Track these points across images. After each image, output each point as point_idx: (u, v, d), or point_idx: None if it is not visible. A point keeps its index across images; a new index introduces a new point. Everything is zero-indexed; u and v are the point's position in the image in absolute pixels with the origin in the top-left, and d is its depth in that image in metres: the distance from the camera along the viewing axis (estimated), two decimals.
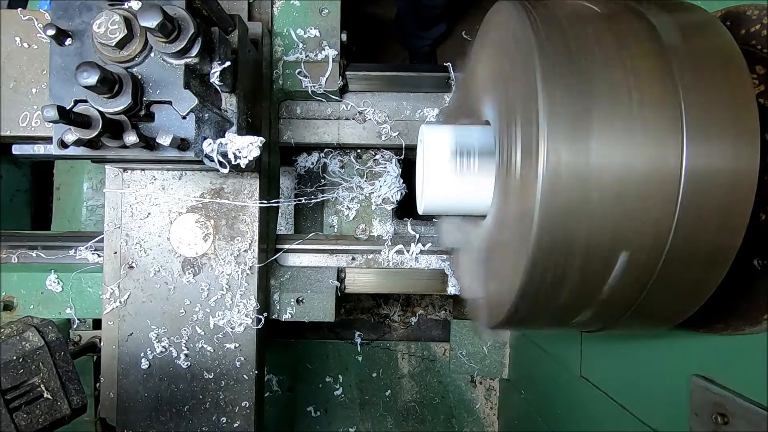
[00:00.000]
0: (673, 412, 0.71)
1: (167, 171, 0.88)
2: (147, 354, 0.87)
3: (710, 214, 0.51)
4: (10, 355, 0.66)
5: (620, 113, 0.50)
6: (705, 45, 0.54)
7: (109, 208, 0.89)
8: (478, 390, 1.63)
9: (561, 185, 0.49)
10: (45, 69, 0.82)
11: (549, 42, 0.52)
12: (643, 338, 0.80)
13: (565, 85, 0.50)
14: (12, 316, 0.92)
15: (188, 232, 0.87)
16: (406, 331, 1.66)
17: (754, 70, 0.60)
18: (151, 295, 0.87)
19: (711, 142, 0.50)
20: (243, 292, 0.88)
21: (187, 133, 0.69)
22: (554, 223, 0.50)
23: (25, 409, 0.66)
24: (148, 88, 0.66)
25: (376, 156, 0.97)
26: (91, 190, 1.53)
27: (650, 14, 0.56)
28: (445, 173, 0.70)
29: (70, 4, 0.66)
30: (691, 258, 0.53)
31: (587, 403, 0.98)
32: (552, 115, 0.49)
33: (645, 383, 0.80)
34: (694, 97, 0.51)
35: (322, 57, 0.92)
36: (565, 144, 0.49)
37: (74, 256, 0.95)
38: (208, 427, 0.87)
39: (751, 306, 0.59)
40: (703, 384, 0.64)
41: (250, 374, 0.88)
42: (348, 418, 1.60)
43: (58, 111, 0.59)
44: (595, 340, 0.97)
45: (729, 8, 0.64)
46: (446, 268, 0.97)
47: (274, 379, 1.58)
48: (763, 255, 0.59)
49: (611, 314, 0.60)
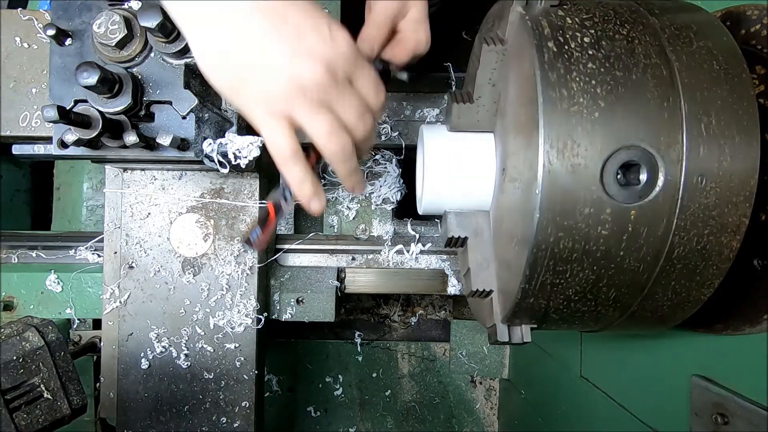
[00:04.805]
0: (673, 412, 0.71)
1: (167, 171, 0.88)
2: (147, 354, 0.87)
3: (710, 213, 0.51)
4: (10, 355, 0.66)
5: (619, 108, 0.50)
6: (705, 45, 0.54)
7: (109, 208, 0.89)
8: (478, 390, 1.63)
9: (561, 181, 0.49)
10: (45, 69, 0.82)
11: (548, 44, 0.52)
12: (643, 338, 0.80)
13: (565, 85, 0.50)
14: (12, 316, 0.92)
15: (188, 232, 0.87)
16: (406, 331, 1.66)
17: (754, 70, 0.60)
18: (151, 295, 0.87)
19: (710, 141, 0.51)
20: (243, 292, 0.88)
21: (187, 133, 0.69)
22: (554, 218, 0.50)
23: (25, 409, 0.66)
24: (148, 88, 0.66)
25: (376, 156, 0.97)
26: (91, 190, 1.53)
27: (650, 14, 0.56)
28: (444, 173, 0.70)
29: (70, 4, 0.66)
30: (693, 252, 0.53)
31: (587, 403, 0.98)
32: (552, 115, 0.49)
33: (645, 383, 0.80)
34: (693, 96, 0.51)
35: None
36: (564, 141, 0.49)
37: (74, 256, 0.95)
38: (208, 427, 0.87)
39: (751, 306, 0.60)
40: (703, 384, 0.64)
41: (250, 374, 0.88)
42: (348, 418, 1.60)
43: (58, 111, 0.59)
44: (595, 340, 0.97)
45: (729, 8, 0.64)
46: (446, 268, 0.97)
47: (274, 379, 1.58)
48: (763, 255, 0.59)
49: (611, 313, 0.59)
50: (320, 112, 0.53)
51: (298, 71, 0.50)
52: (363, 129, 0.56)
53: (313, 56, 0.50)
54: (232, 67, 0.51)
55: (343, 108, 0.54)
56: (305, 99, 0.52)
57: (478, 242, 0.70)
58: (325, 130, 0.54)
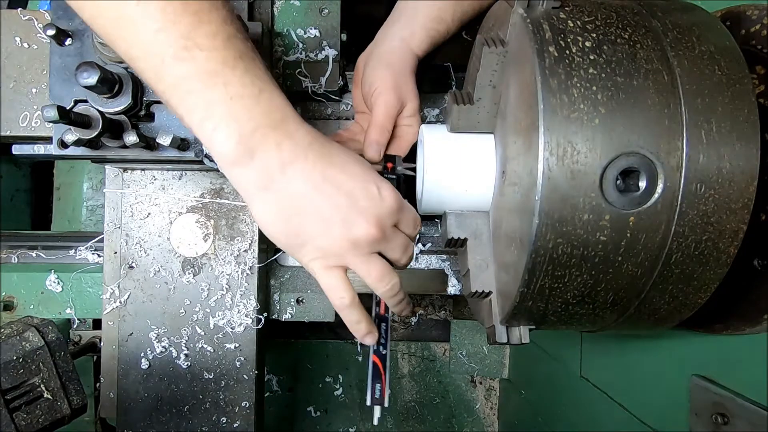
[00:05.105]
0: (673, 412, 0.71)
1: (167, 171, 0.88)
2: (147, 354, 0.87)
3: (708, 220, 0.51)
4: (10, 355, 0.66)
5: (620, 114, 0.50)
6: (707, 49, 0.53)
7: (109, 208, 0.89)
8: (478, 390, 1.63)
9: (560, 188, 0.49)
10: (45, 69, 0.82)
11: (549, 48, 0.51)
12: (643, 338, 0.80)
13: (566, 91, 0.50)
14: (12, 316, 0.92)
15: (188, 232, 0.87)
16: (406, 331, 1.66)
17: (754, 70, 0.60)
18: (151, 295, 0.87)
19: (710, 142, 0.50)
20: (243, 292, 0.88)
21: (187, 133, 0.69)
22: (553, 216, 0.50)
23: (25, 409, 0.66)
24: (148, 88, 0.66)
25: None
26: (91, 190, 1.53)
27: (652, 16, 0.56)
28: (444, 173, 0.70)
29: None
30: (690, 258, 0.53)
31: (587, 403, 0.98)
32: (552, 121, 0.49)
33: (645, 383, 0.80)
34: (694, 102, 0.51)
35: (322, 57, 0.92)
36: (564, 147, 0.49)
37: (74, 256, 0.95)
38: (208, 427, 0.87)
39: (751, 306, 0.60)
40: (703, 384, 0.64)
41: (250, 374, 0.88)
42: (348, 418, 1.60)
43: (58, 111, 0.59)
44: (595, 340, 0.97)
45: (729, 8, 0.64)
46: (446, 268, 0.97)
47: (274, 379, 1.58)
48: (763, 255, 0.59)
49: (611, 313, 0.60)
50: (371, 260, 0.59)
51: (351, 232, 0.56)
52: (407, 259, 0.64)
53: (364, 216, 0.56)
54: (289, 232, 0.56)
55: (392, 249, 0.61)
56: (357, 251, 0.57)
57: (478, 244, 0.70)
58: (375, 276, 0.60)
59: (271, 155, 0.52)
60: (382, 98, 0.75)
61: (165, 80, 0.49)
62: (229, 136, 0.50)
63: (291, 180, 0.53)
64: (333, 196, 0.54)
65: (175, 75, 0.48)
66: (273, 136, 0.51)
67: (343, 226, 0.55)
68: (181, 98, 0.49)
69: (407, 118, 0.79)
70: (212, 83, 0.48)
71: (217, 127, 0.50)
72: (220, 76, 0.48)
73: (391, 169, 0.76)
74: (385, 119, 0.76)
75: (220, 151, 0.51)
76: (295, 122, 0.54)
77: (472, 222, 0.71)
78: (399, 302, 0.66)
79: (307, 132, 0.55)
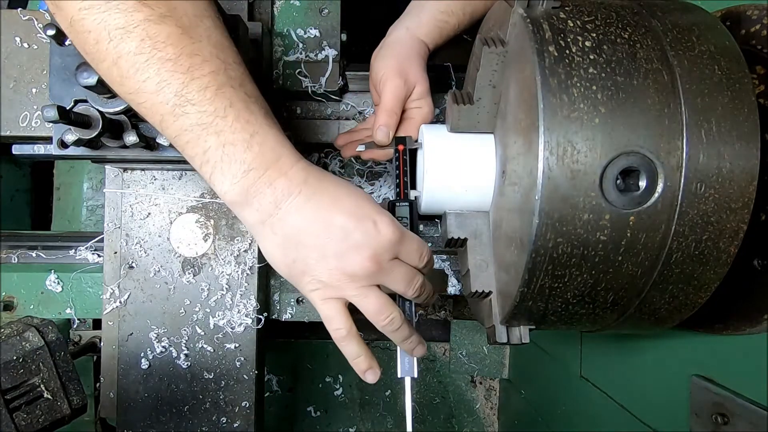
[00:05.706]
0: (673, 412, 0.71)
1: (167, 171, 0.88)
2: (147, 354, 0.87)
3: (708, 219, 0.51)
4: (10, 355, 0.66)
5: (620, 114, 0.50)
6: (707, 49, 0.53)
7: (109, 208, 0.89)
8: (478, 390, 1.63)
9: (560, 187, 0.49)
10: (45, 69, 0.82)
11: (549, 48, 0.51)
12: (643, 338, 0.80)
13: (565, 91, 0.50)
14: (12, 316, 0.92)
15: (188, 232, 0.87)
16: None
17: (754, 70, 0.60)
18: (151, 295, 0.87)
19: (710, 142, 0.50)
20: (243, 292, 0.88)
21: None
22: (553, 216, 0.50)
23: (25, 409, 0.66)
24: None
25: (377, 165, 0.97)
26: (91, 190, 1.53)
27: (652, 16, 0.56)
28: (444, 173, 0.70)
29: None
30: (691, 258, 0.53)
31: (587, 403, 0.98)
32: (552, 121, 0.49)
33: (645, 383, 0.80)
34: (694, 102, 0.51)
35: (322, 57, 0.92)
36: (564, 147, 0.49)
37: (74, 256, 0.95)
38: (208, 427, 0.87)
39: (751, 306, 0.59)
40: (703, 384, 0.64)
41: (250, 374, 0.88)
42: (348, 418, 1.60)
43: (58, 111, 0.59)
44: (595, 340, 0.97)
45: (729, 8, 0.64)
46: (446, 268, 0.97)
47: (274, 379, 1.58)
48: (763, 255, 0.59)
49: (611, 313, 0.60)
50: (368, 293, 0.59)
51: (346, 265, 0.57)
52: (413, 291, 0.63)
53: (359, 250, 0.56)
54: (291, 263, 0.59)
55: (393, 281, 0.61)
56: (354, 284, 0.58)
57: (478, 244, 0.70)
58: (372, 308, 0.60)
59: (264, 194, 0.55)
60: (388, 83, 0.77)
61: (167, 132, 0.54)
62: (224, 180, 0.54)
63: (286, 215, 0.56)
64: (326, 230, 0.56)
65: (174, 128, 0.53)
66: (266, 176, 0.54)
67: (337, 259, 0.57)
68: (182, 147, 0.55)
69: (416, 101, 0.79)
70: (205, 134, 0.52)
71: (213, 173, 0.54)
72: (212, 127, 0.52)
73: (402, 150, 0.76)
74: (393, 103, 0.77)
75: (220, 193, 0.55)
76: (290, 159, 0.56)
77: (472, 222, 0.71)
78: (403, 339, 0.65)
79: (302, 168, 0.57)
